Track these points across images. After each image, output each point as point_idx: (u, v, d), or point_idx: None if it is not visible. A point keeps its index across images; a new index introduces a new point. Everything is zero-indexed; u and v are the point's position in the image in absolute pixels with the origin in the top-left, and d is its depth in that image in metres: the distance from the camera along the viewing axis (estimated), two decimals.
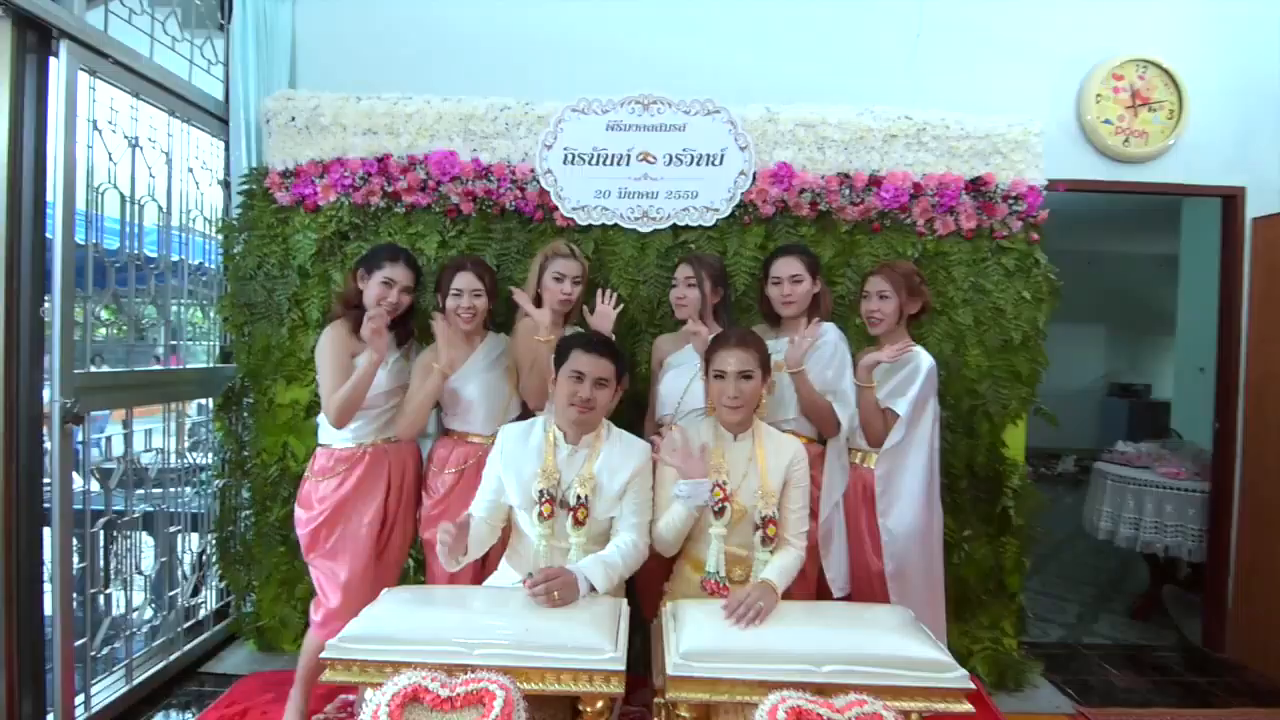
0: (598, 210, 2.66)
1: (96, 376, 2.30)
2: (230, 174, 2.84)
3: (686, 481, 1.86)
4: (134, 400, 2.49)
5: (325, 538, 2.24)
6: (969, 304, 2.69)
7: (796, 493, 1.98)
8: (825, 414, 2.25)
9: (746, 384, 1.93)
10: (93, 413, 2.31)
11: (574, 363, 1.94)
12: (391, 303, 2.23)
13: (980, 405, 2.70)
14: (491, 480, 2.01)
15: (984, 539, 2.72)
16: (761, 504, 1.91)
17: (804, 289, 2.33)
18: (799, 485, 1.98)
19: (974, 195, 2.69)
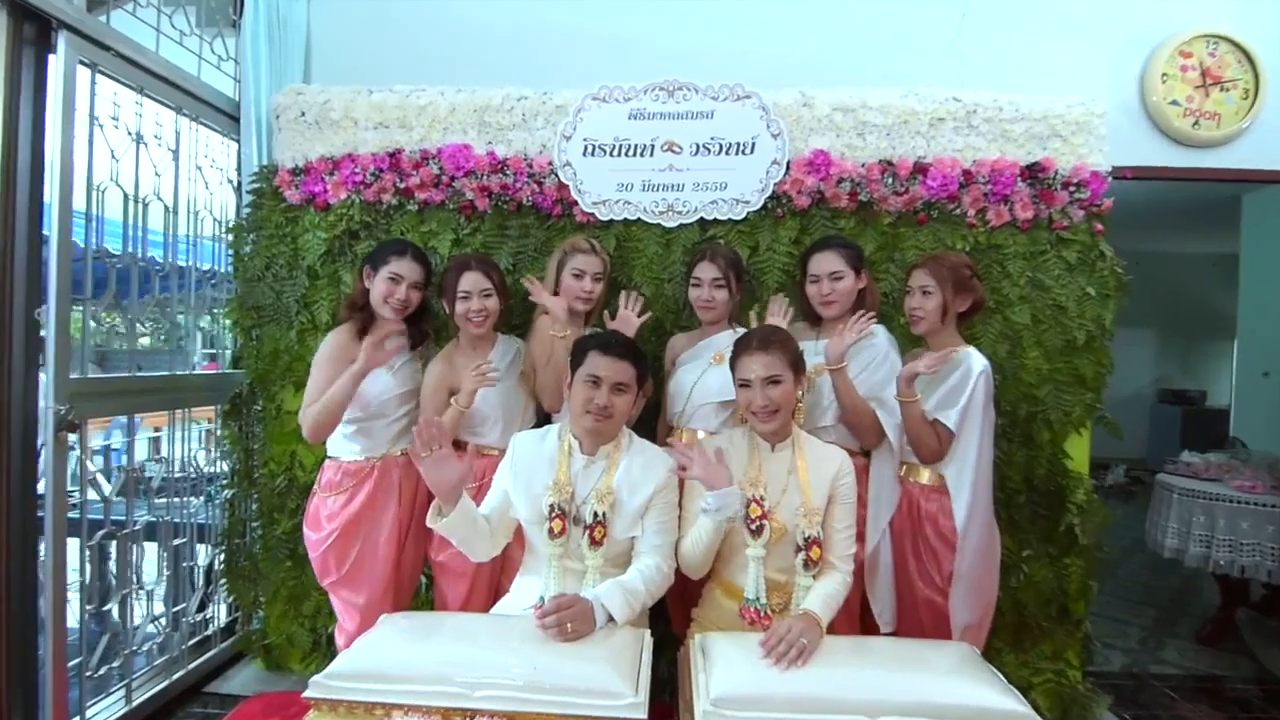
0: (620, 204, 2.45)
1: (93, 383, 2.16)
2: (242, 174, 2.69)
3: (714, 493, 1.63)
4: (135, 407, 2.35)
5: (339, 563, 2.07)
6: (1026, 301, 2.42)
7: (843, 510, 1.73)
8: (868, 421, 2.00)
9: (776, 390, 1.70)
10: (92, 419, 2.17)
11: (590, 366, 1.73)
12: (400, 299, 2.06)
13: (1040, 412, 2.42)
14: (497, 491, 1.81)
15: (1045, 560, 2.43)
16: (804, 523, 1.67)
17: (846, 286, 2.09)
18: (845, 502, 1.74)
19: (1030, 182, 2.42)
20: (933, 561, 2.00)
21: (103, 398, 2.20)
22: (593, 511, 1.71)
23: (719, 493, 1.61)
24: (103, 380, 2.22)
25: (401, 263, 2.07)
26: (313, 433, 1.98)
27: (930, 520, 2.01)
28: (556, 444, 1.80)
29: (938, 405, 1.97)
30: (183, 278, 2.54)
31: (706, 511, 1.63)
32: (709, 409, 2.14)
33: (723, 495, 1.61)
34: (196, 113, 2.56)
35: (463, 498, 1.67)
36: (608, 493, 1.73)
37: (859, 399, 1.99)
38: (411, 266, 2.08)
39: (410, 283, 2.07)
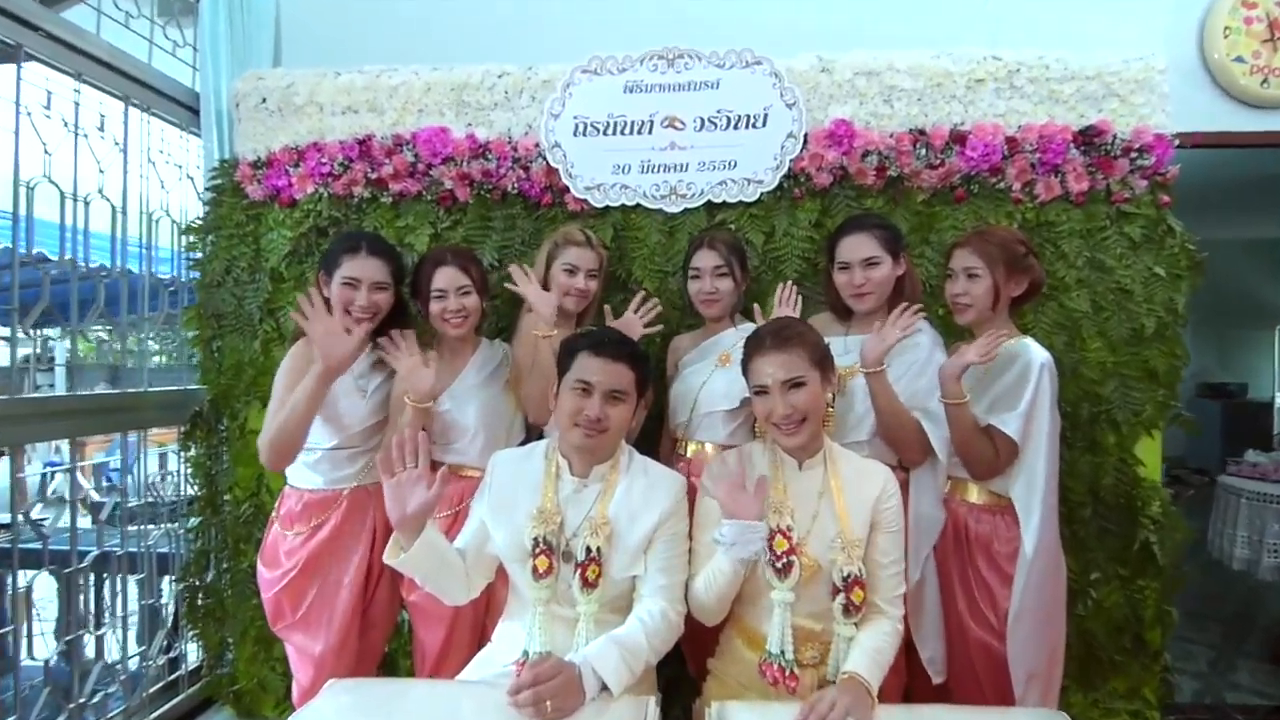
0: (616, 189, 2.15)
1: (24, 404, 1.88)
2: (204, 171, 2.42)
3: (731, 523, 1.31)
4: (80, 430, 2.06)
5: (294, 604, 1.76)
6: (1085, 286, 2.08)
7: (889, 540, 1.40)
8: (911, 433, 1.67)
9: (800, 394, 1.37)
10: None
11: (580, 370, 1.41)
12: (362, 306, 1.75)
13: (1104, 412, 2.08)
14: (473, 521, 1.50)
15: (1115, 583, 2.08)
16: (842, 557, 1.34)
17: (881, 274, 1.76)
18: (891, 529, 1.41)
19: (1085, 149, 2.08)
20: (986, 597, 1.66)
21: (37, 420, 1.92)
22: (585, 546, 1.40)
23: (736, 525, 1.29)
24: (35, 401, 1.95)
25: (356, 261, 1.76)
26: (271, 456, 1.67)
27: (982, 547, 1.68)
28: (542, 464, 1.49)
29: (992, 408, 1.64)
30: (136, 285, 2.26)
31: (720, 544, 1.31)
32: (716, 418, 1.82)
33: (741, 529, 1.28)
34: (148, 103, 2.28)
35: (427, 529, 1.36)
36: (603, 523, 1.41)
37: (902, 408, 1.66)
38: (370, 265, 1.77)
39: (372, 284, 1.76)
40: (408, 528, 1.34)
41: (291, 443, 1.65)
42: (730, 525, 1.30)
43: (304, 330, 1.65)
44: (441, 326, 1.82)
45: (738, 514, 1.31)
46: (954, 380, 1.60)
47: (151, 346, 2.53)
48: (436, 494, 1.34)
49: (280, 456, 1.67)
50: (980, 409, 1.65)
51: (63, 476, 3.53)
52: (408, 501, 1.33)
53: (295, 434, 1.64)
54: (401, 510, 1.33)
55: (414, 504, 1.33)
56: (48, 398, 2.01)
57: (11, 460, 1.88)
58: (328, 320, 1.64)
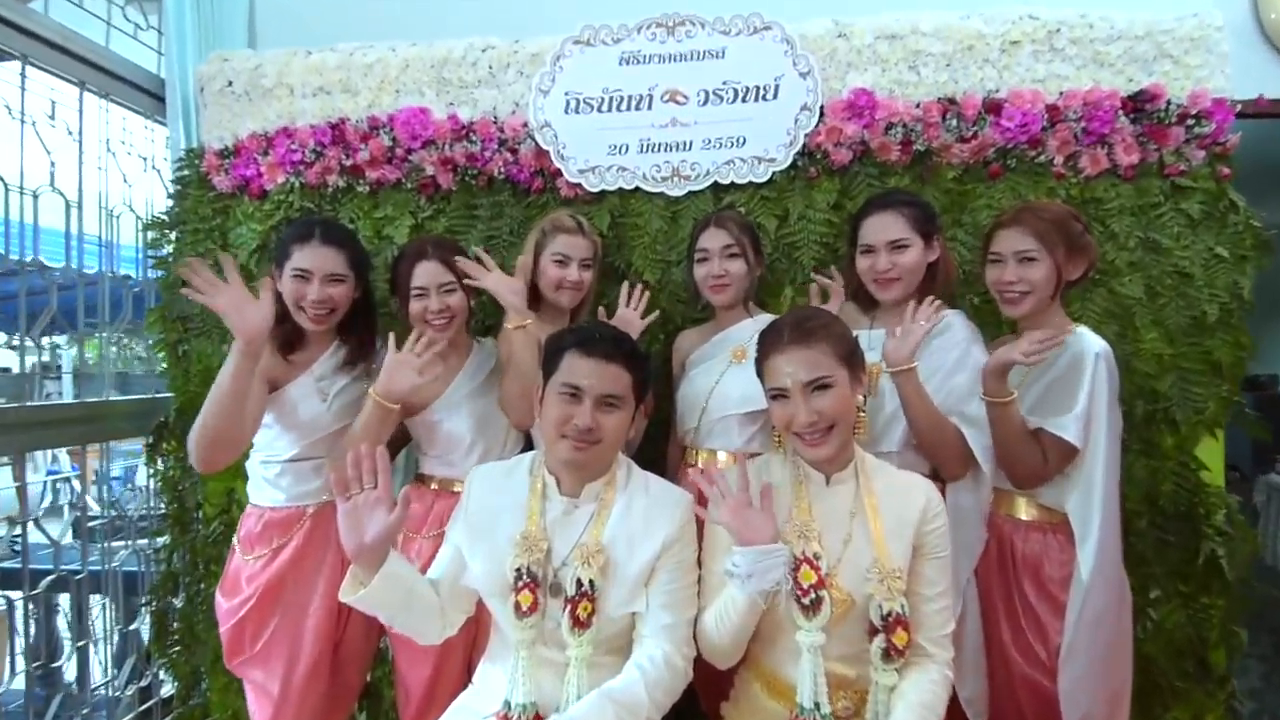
0: (613, 171, 1.93)
1: None
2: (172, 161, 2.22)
3: (744, 550, 1.09)
4: (29, 443, 1.87)
5: (254, 636, 1.56)
6: (1138, 269, 1.84)
7: (934, 569, 1.18)
8: (949, 441, 1.45)
9: (826, 398, 1.15)
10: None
11: (567, 371, 1.20)
12: (316, 300, 1.55)
13: (1162, 410, 1.84)
14: (448, 549, 1.29)
15: (1177, 601, 1.84)
16: (880, 591, 1.11)
17: (911, 259, 1.54)
18: (937, 554, 1.18)
19: (1135, 117, 1.84)
20: (1035, 628, 1.43)
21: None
22: (576, 578, 1.18)
23: (752, 551, 1.07)
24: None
25: (306, 251, 1.55)
26: (199, 453, 1.45)
27: (1030, 569, 1.45)
28: (526, 481, 1.28)
29: (1040, 407, 1.42)
30: (94, 285, 2.07)
31: (734, 577, 1.09)
32: (730, 423, 1.60)
33: (758, 555, 1.06)
34: (106, 89, 2.09)
35: (390, 559, 1.15)
36: (597, 550, 1.19)
37: (937, 412, 1.43)
38: (323, 254, 1.56)
39: (325, 276, 1.56)
40: (366, 559, 1.14)
41: (220, 438, 1.43)
42: (742, 553, 1.08)
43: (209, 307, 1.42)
44: (422, 329, 1.61)
45: (749, 538, 1.09)
46: (998, 376, 1.37)
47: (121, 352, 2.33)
48: (399, 519, 1.13)
49: (210, 453, 1.45)
50: (1026, 407, 1.43)
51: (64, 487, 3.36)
52: (365, 528, 1.12)
53: (223, 427, 1.42)
54: (358, 539, 1.12)
55: (373, 531, 1.12)
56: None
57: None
58: (228, 289, 1.39)
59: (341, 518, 1.12)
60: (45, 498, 4.45)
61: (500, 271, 1.61)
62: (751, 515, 1.10)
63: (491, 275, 1.59)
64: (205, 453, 1.44)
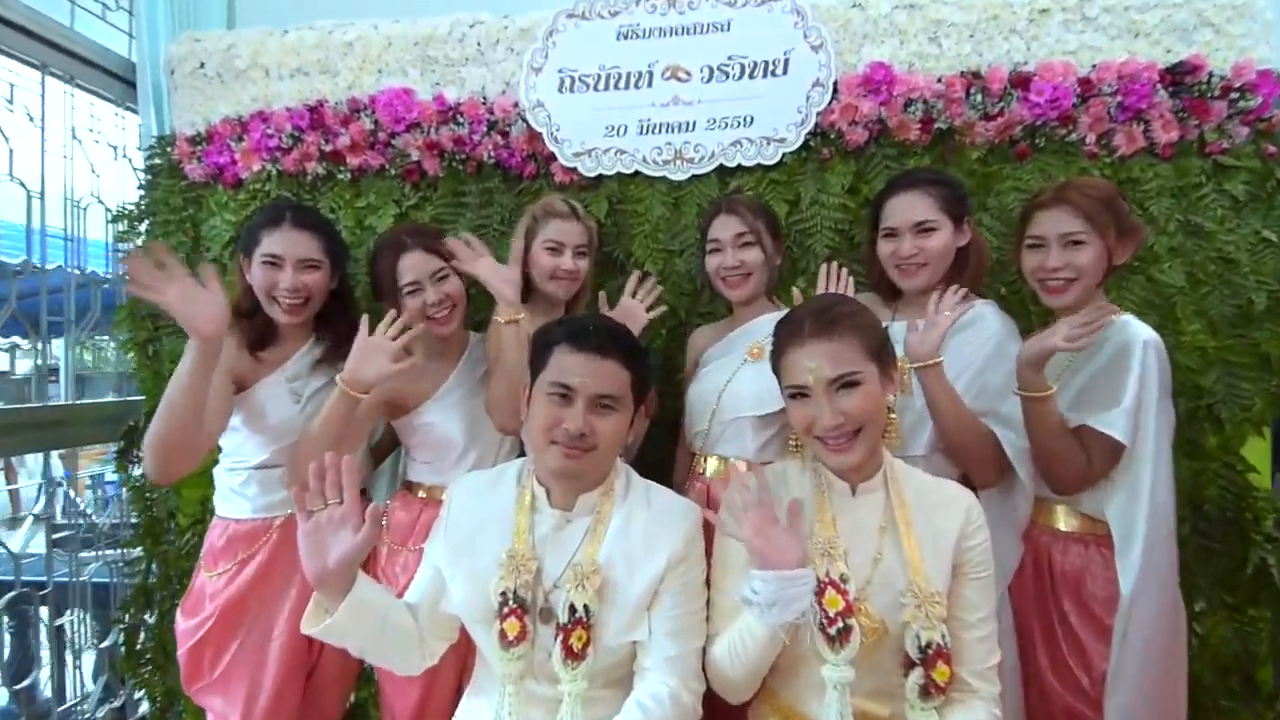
0: (611, 155, 1.78)
1: None
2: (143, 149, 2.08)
3: (766, 575, 0.94)
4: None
5: (212, 660, 1.41)
6: (1179, 254, 1.69)
7: (977, 590, 1.03)
8: (981, 445, 1.30)
9: (852, 397, 1.00)
10: None
11: (557, 369, 1.05)
12: (288, 289, 1.41)
13: (1205, 408, 1.68)
14: (426, 570, 1.15)
15: (1223, 613, 1.69)
16: (917, 618, 0.97)
17: (938, 243, 1.39)
18: (979, 574, 1.04)
19: (1174, 91, 1.69)
20: (1076, 653, 1.29)
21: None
22: (569, 603, 1.03)
23: (775, 576, 0.92)
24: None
25: (277, 236, 1.42)
26: (152, 461, 1.29)
27: (1070, 587, 1.31)
28: (513, 492, 1.13)
29: (1082, 403, 1.27)
30: (60, 281, 1.93)
31: (752, 605, 0.94)
32: (743, 426, 1.45)
33: (782, 582, 0.91)
34: (71, 73, 1.95)
35: (359, 584, 1.01)
36: (593, 571, 1.05)
37: (968, 412, 1.28)
38: (295, 239, 1.42)
39: (298, 261, 1.42)
40: (331, 585, 0.99)
41: (175, 446, 1.27)
42: (764, 578, 0.93)
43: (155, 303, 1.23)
44: (428, 325, 1.47)
45: (772, 560, 0.94)
46: (1035, 368, 1.22)
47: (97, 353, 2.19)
48: (368, 539, 0.99)
49: (164, 463, 1.29)
50: (1063, 405, 1.28)
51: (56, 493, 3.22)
52: (329, 549, 0.98)
53: (178, 434, 1.26)
54: (321, 562, 0.97)
55: (338, 552, 0.98)
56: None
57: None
58: (175, 280, 1.20)
59: (302, 538, 0.98)
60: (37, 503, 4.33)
61: (492, 258, 1.47)
62: (777, 534, 0.95)
63: (483, 261, 1.44)
64: (159, 462, 1.29)
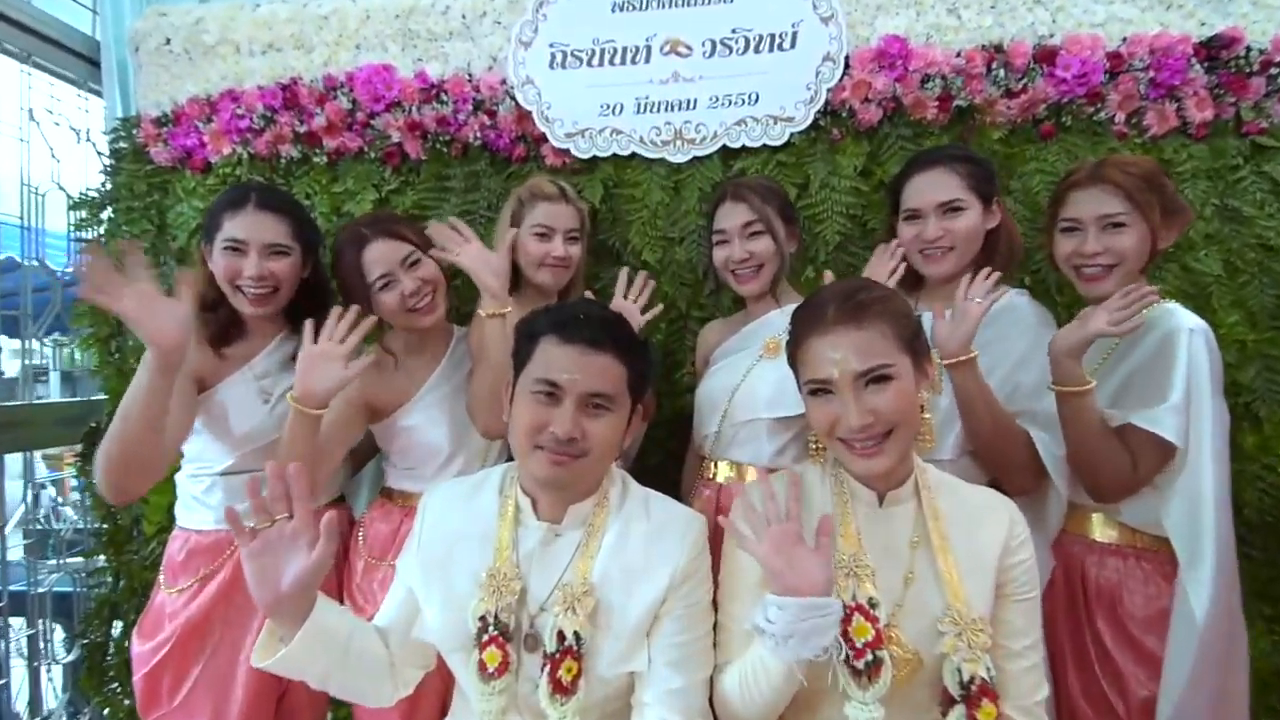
0: (606, 135, 1.65)
1: None
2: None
3: (784, 602, 0.81)
4: None
5: (171, 688, 1.28)
6: (1214, 241, 1.56)
7: (1022, 614, 0.90)
8: (1015, 447, 1.17)
9: (884, 394, 0.86)
10: None
11: (544, 364, 0.92)
12: (253, 277, 1.27)
13: (1244, 405, 1.55)
14: (399, 590, 1.01)
15: (1261, 625, 1.56)
16: (958, 648, 0.83)
17: (966, 224, 1.26)
18: (1024, 595, 0.91)
19: (1209, 66, 1.56)
20: (1111, 677, 1.16)
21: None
22: (557, 629, 0.90)
23: (795, 604, 0.79)
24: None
25: (240, 219, 1.28)
26: (105, 480, 1.15)
27: (1105, 604, 1.18)
28: (495, 503, 0.99)
29: (1123, 400, 1.15)
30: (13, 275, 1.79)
31: (765, 636, 0.81)
32: (757, 429, 1.32)
33: (803, 611, 0.78)
34: (27, 49, 1.80)
35: (318, 608, 0.87)
36: (585, 592, 0.91)
37: (1003, 413, 1.15)
38: (260, 222, 1.29)
39: (264, 247, 1.29)
40: (286, 611, 0.86)
41: (131, 465, 1.14)
42: (782, 606, 0.79)
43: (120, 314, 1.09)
44: (409, 320, 1.33)
45: (793, 584, 0.81)
46: (1073, 358, 1.09)
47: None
48: (324, 554, 0.85)
49: (119, 482, 1.15)
50: (1105, 397, 1.15)
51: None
52: (281, 571, 0.84)
53: (134, 453, 1.12)
54: (273, 588, 0.84)
55: (291, 576, 0.84)
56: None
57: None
58: (133, 287, 1.08)
59: (247, 562, 0.84)
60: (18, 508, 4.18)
61: (481, 244, 1.32)
62: (800, 555, 0.82)
63: (470, 248, 1.30)
64: (114, 481, 1.15)
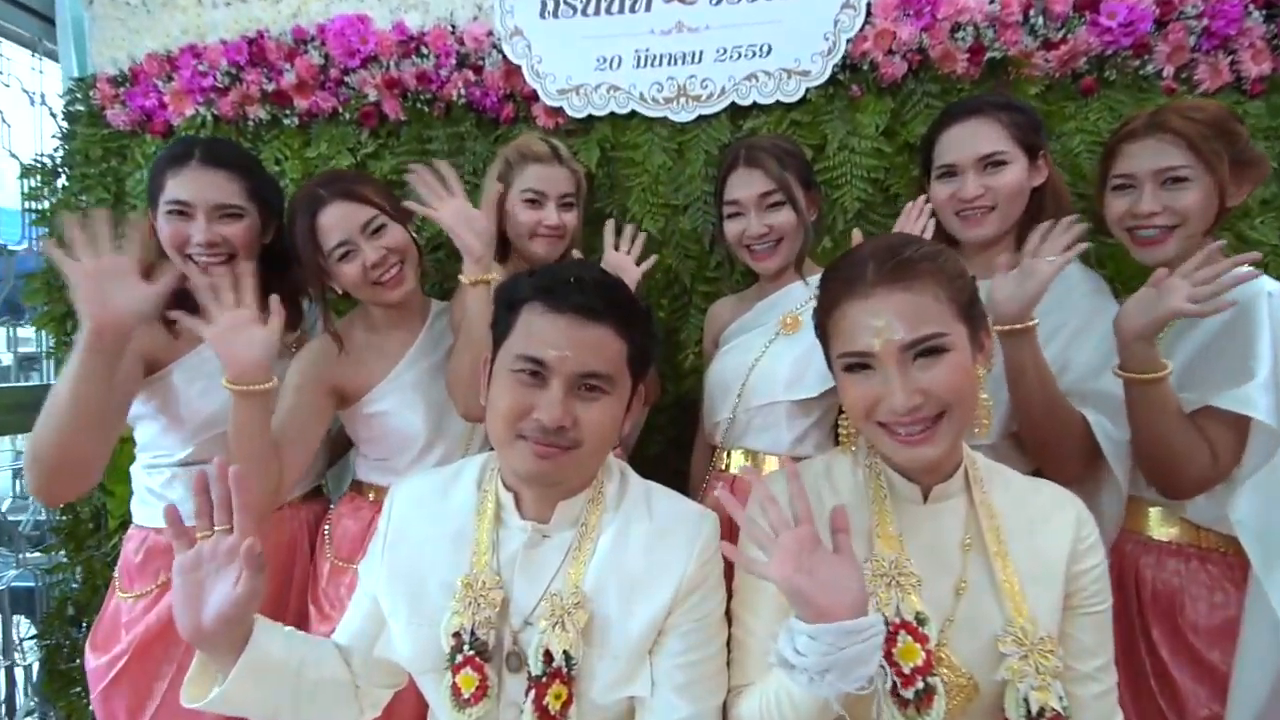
0: (602, 92, 1.49)
1: None
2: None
3: (814, 629, 0.65)
4: None
5: (133, 709, 1.15)
6: (1271, 208, 1.40)
7: (1090, 629, 0.76)
8: (1070, 431, 1.02)
9: (937, 370, 0.71)
10: None
11: (525, 337, 0.76)
12: (202, 244, 1.13)
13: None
14: (363, 601, 0.87)
15: None
16: (1023, 673, 0.69)
17: (1010, 180, 1.10)
18: (1094, 606, 0.76)
19: (1269, 14, 1.40)
20: (1168, 695, 1.02)
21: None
22: (544, 649, 0.75)
23: (827, 631, 0.63)
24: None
25: (185, 178, 1.13)
26: (34, 476, 1.01)
27: (1163, 611, 1.04)
28: (472, 499, 0.85)
29: (1193, 380, 0.99)
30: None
31: (795, 670, 0.66)
32: (776, 414, 1.17)
33: (839, 636, 0.63)
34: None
35: (258, 634, 0.73)
36: (577, 605, 0.77)
37: (1057, 392, 1.00)
38: (206, 180, 1.13)
39: (211, 208, 1.14)
40: (216, 644, 0.71)
41: (63, 464, 0.99)
42: (813, 634, 0.64)
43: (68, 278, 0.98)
44: (375, 295, 1.17)
45: (823, 606, 0.65)
46: (1147, 340, 0.94)
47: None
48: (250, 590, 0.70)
49: (50, 483, 1.01)
50: (1179, 373, 1.00)
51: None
52: (205, 599, 0.69)
53: (66, 451, 0.98)
54: (194, 617, 0.69)
55: (216, 608, 0.70)
56: None
57: None
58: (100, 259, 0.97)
59: (176, 575, 0.70)
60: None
61: (463, 200, 1.15)
62: (826, 566, 0.66)
63: (452, 203, 1.12)
64: (43, 481, 1.01)
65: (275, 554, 1.20)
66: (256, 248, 1.20)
